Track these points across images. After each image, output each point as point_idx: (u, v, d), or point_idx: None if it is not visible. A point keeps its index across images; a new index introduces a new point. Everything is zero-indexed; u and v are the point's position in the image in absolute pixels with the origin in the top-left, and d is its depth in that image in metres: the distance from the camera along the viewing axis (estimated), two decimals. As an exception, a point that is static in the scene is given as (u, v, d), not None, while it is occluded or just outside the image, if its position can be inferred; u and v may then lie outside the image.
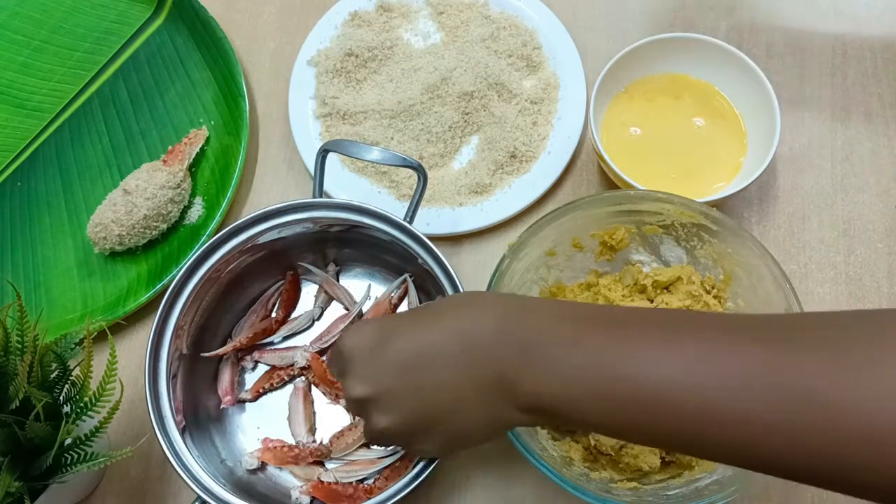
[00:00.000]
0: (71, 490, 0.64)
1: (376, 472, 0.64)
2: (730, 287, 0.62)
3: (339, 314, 0.71)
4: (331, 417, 0.67)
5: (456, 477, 0.65)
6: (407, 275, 0.69)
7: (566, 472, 0.55)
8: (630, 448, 0.58)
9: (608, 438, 0.58)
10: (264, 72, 0.82)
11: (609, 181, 0.73)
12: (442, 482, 0.65)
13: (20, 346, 0.56)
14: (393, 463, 0.63)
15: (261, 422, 0.68)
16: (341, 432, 0.65)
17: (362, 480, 0.64)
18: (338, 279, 0.72)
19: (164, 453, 0.58)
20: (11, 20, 0.85)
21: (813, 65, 0.77)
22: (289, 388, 0.68)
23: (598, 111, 0.71)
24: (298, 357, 0.67)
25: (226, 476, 0.61)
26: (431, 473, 0.56)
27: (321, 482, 0.63)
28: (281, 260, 0.70)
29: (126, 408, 0.67)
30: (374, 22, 0.80)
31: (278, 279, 0.72)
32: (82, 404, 0.57)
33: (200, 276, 0.63)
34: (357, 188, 0.75)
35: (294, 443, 0.66)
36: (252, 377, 0.69)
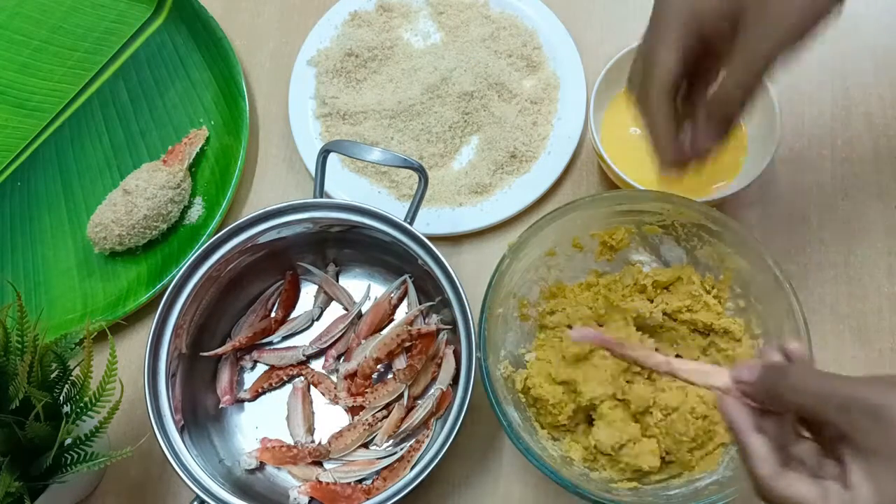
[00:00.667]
0: (71, 490, 0.64)
1: (374, 473, 0.64)
2: (730, 287, 0.62)
3: (339, 314, 0.71)
4: (329, 418, 0.67)
5: (455, 477, 0.65)
6: (407, 275, 0.69)
7: (566, 472, 0.55)
8: (630, 448, 0.58)
9: (608, 438, 0.58)
10: (264, 72, 0.82)
11: (609, 181, 0.73)
12: (441, 482, 0.65)
13: (20, 346, 0.56)
14: (391, 464, 0.63)
15: (259, 421, 0.68)
16: (340, 432, 0.65)
17: (361, 481, 0.64)
18: (337, 279, 0.72)
19: (163, 452, 0.58)
20: (11, 20, 0.85)
21: (813, 64, 0.77)
22: (287, 388, 0.68)
23: (598, 111, 0.71)
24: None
25: (224, 476, 0.61)
26: (430, 474, 0.56)
27: (319, 482, 0.63)
28: (281, 260, 0.70)
29: (126, 408, 0.67)
30: (374, 22, 0.80)
31: (278, 279, 0.72)
32: (82, 404, 0.57)
33: (200, 276, 0.63)
34: (357, 188, 0.75)
35: (293, 443, 0.66)
36: (251, 377, 0.69)
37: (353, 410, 0.66)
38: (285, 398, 0.68)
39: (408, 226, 0.62)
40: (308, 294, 0.72)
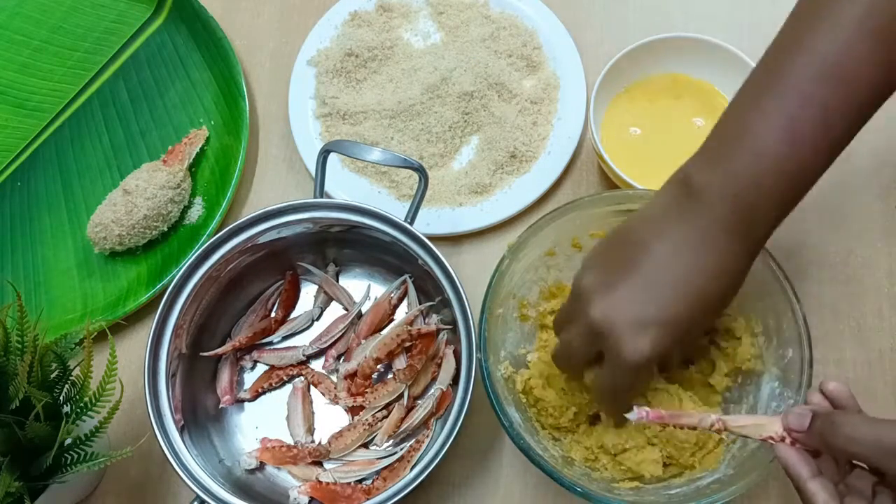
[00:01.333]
0: (71, 490, 0.64)
1: (374, 473, 0.64)
2: (730, 287, 0.62)
3: (339, 314, 0.71)
4: (329, 417, 0.67)
5: (455, 477, 0.65)
6: (407, 275, 0.69)
7: (567, 472, 0.55)
8: (633, 453, 0.58)
9: (610, 438, 0.58)
10: (264, 72, 0.82)
11: (609, 181, 0.73)
12: (441, 482, 0.65)
13: (20, 346, 0.56)
14: (391, 464, 0.63)
15: (259, 421, 0.68)
16: (340, 432, 0.65)
17: (361, 481, 0.64)
18: (337, 279, 0.72)
19: (163, 452, 0.58)
20: (11, 20, 0.85)
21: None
22: (287, 388, 0.68)
23: (598, 111, 0.71)
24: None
25: (224, 476, 0.61)
26: (430, 475, 0.56)
27: (319, 482, 0.63)
28: (281, 260, 0.70)
29: (126, 408, 0.67)
30: (374, 22, 0.80)
31: (278, 279, 0.72)
32: (82, 404, 0.57)
33: (200, 276, 0.63)
34: (357, 188, 0.75)
35: (293, 443, 0.66)
36: (251, 377, 0.69)
37: (353, 410, 0.66)
38: (285, 398, 0.68)
39: (408, 226, 0.62)
40: (308, 294, 0.72)
